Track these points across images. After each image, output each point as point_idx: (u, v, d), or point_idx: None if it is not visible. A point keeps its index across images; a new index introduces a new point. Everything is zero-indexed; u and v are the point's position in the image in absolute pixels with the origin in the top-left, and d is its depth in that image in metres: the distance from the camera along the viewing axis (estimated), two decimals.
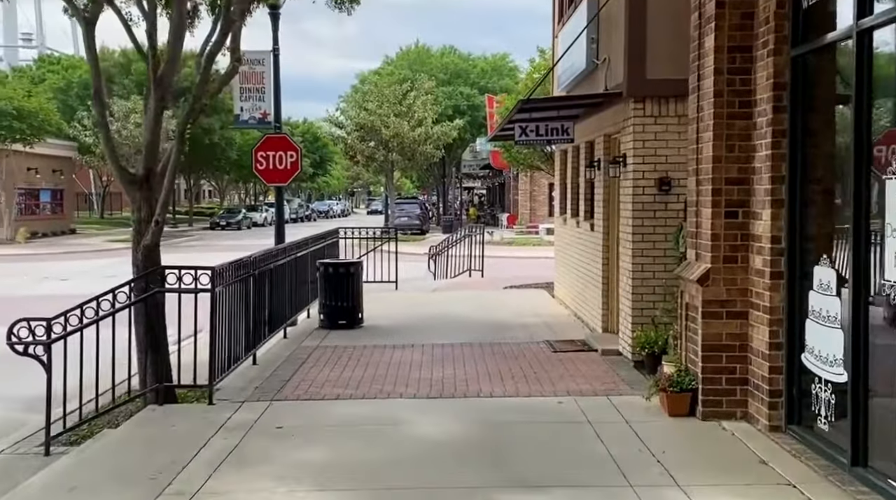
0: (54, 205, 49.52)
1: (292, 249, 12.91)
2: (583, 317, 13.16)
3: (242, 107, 16.63)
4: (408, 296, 17.19)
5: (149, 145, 9.61)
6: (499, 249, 33.43)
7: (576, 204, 14.36)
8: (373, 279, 18.27)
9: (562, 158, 15.85)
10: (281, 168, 15.72)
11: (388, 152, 43.61)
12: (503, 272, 24.64)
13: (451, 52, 61.90)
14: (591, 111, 12.09)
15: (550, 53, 19.35)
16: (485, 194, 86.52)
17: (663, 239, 9.85)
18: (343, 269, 13.06)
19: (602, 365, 10.01)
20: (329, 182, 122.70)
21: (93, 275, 28.23)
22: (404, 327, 13.11)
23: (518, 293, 17.30)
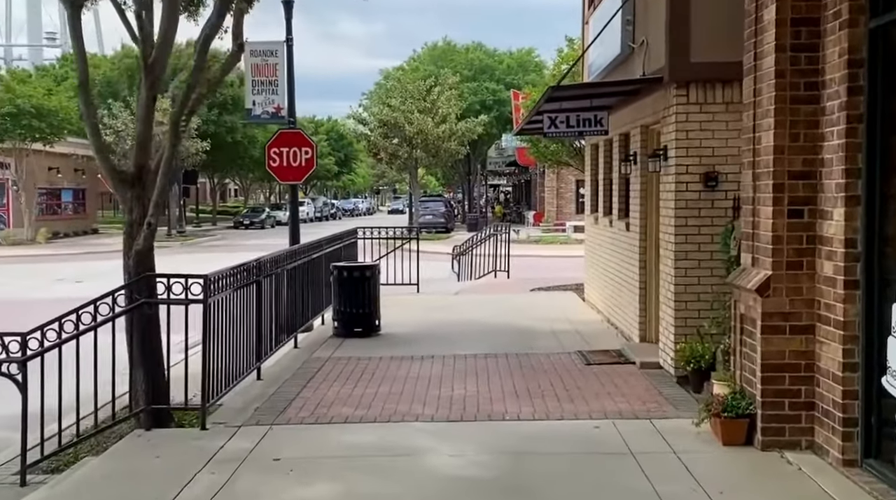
0: (76, 205, 49.10)
1: (304, 251, 12.03)
2: (617, 324, 12.17)
3: (255, 101, 15.77)
4: (429, 300, 16.27)
5: (140, 139, 8.75)
6: (525, 247, 32.43)
7: (608, 202, 13.36)
8: (393, 281, 17.38)
9: (592, 152, 14.84)
10: (295, 165, 14.91)
11: (411, 149, 42.70)
12: (530, 273, 23.67)
13: (476, 49, 60.84)
14: (626, 101, 11.09)
15: (580, 42, 18.34)
16: (510, 192, 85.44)
17: (709, 240, 8.84)
18: (358, 273, 12.15)
19: (641, 381, 9.02)
20: (354, 180, 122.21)
21: (109, 276, 27.47)
22: (424, 335, 12.19)
23: (546, 296, 16.32)
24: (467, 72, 56.18)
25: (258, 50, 15.70)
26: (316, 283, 12.75)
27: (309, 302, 12.37)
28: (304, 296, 11.99)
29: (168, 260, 34.01)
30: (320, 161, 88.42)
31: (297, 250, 11.70)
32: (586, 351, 10.55)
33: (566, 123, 10.29)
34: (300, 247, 11.93)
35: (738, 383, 7.04)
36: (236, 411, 7.99)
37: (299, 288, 11.70)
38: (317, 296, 12.81)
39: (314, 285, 12.70)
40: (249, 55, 15.74)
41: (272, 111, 15.74)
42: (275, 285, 10.21)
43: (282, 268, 10.60)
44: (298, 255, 11.63)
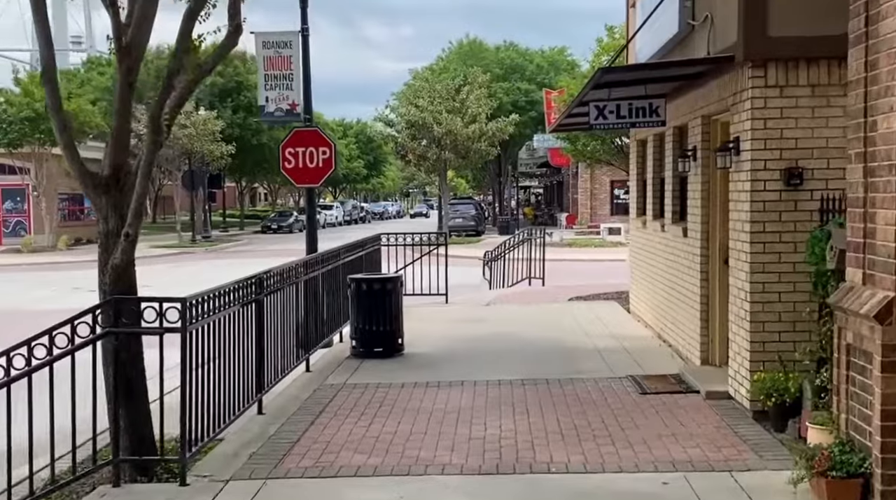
0: None
1: (319, 262, 10.73)
2: (671, 341, 10.73)
3: (268, 97, 14.50)
4: (459, 311, 14.91)
5: (116, 135, 7.50)
6: (559, 250, 30.95)
7: (659, 203, 11.92)
8: (419, 291, 16.07)
9: (638, 149, 13.41)
10: (312, 167, 13.64)
11: (440, 151, 41.32)
12: (566, 279, 22.23)
13: (507, 48, 59.37)
14: (681, 89, 9.66)
15: (623, 29, 16.89)
16: (541, 194, 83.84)
17: (792, 249, 7.40)
18: (378, 286, 10.82)
19: (710, 416, 7.59)
20: (384, 183, 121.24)
21: None
22: (453, 354, 10.83)
23: (586, 307, 14.89)
24: (499, 70, 54.74)
25: (271, 41, 14.46)
26: (334, 296, 11.47)
27: (325, 319, 11.08)
28: (318, 312, 10.70)
29: (187, 268, 33.15)
30: (349, 164, 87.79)
31: (311, 261, 10.39)
32: (640, 376, 9.13)
33: (616, 113, 8.88)
34: (314, 258, 10.63)
35: (845, 430, 5.61)
36: (227, 458, 6.68)
37: (313, 303, 10.40)
38: (335, 311, 11.53)
39: (332, 299, 11.42)
40: (262, 47, 14.53)
41: (287, 108, 14.48)
42: (282, 303, 8.91)
43: (291, 282, 9.30)
44: (312, 266, 10.33)
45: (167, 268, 32.62)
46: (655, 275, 11.76)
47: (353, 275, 11.17)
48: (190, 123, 40.85)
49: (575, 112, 11.71)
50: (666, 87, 9.44)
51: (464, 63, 53.57)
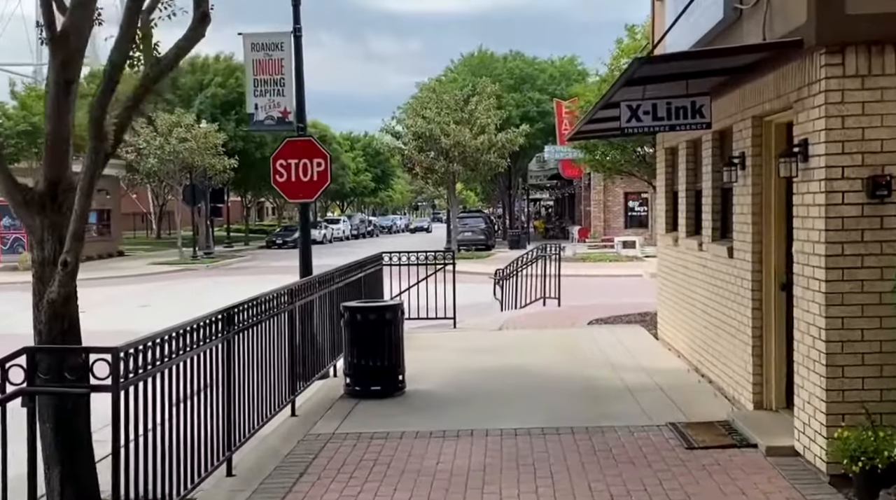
0: (101, 226, 47.04)
1: (307, 288, 9.39)
2: (711, 376, 9.35)
3: (257, 104, 13.18)
4: (468, 338, 13.55)
5: (51, 143, 6.19)
6: (572, 266, 29.57)
7: (694, 219, 10.57)
8: (425, 315, 14.73)
9: (667, 158, 12.06)
10: (306, 180, 12.38)
11: (448, 163, 40.00)
12: (582, 297, 20.86)
13: (515, 58, 58.12)
14: (725, 87, 8.32)
15: (646, 29, 15.58)
16: (552, 206, 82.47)
17: (877, 276, 6.03)
18: (375, 315, 9.46)
19: (777, 480, 6.20)
20: (392, 197, 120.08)
21: (119, 305, 25.28)
22: (461, 393, 9.46)
23: (609, 332, 13.50)
24: (509, 81, 53.50)
25: (260, 43, 13.16)
26: (327, 325, 10.15)
27: (316, 353, 9.76)
28: (307, 347, 9.37)
29: (184, 285, 31.79)
30: (357, 178, 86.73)
31: (298, 289, 9.04)
32: (682, 424, 7.74)
33: (652, 114, 7.53)
34: (302, 284, 9.27)
35: None
36: None
37: (301, 337, 9.07)
38: (328, 342, 10.21)
39: (324, 329, 10.10)
40: (250, 49, 13.23)
41: (278, 116, 13.17)
42: (260, 339, 7.58)
43: (273, 314, 7.97)
44: (299, 294, 8.99)
45: (165, 285, 31.39)
46: (690, 299, 10.39)
47: (346, 303, 9.81)
48: (191, 136, 39.70)
49: (597, 117, 10.37)
50: (709, 83, 8.08)
51: (473, 74, 52.37)
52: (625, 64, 15.42)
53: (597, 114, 9.91)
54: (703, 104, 7.69)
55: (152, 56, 6.96)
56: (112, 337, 6.25)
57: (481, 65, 55.64)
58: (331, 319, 10.24)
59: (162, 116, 40.95)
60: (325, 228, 67.51)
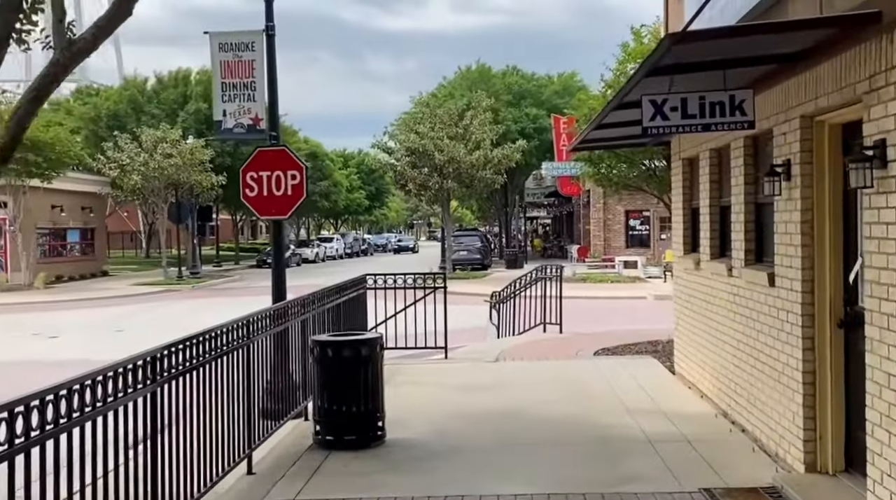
0: (84, 245, 45.63)
1: (271, 319, 7.98)
2: (746, 425, 7.95)
3: (225, 110, 11.81)
4: (460, 372, 12.13)
5: None
6: (572, 287, 28.15)
7: (720, 238, 9.20)
8: (413, 344, 13.33)
9: (685, 169, 10.70)
10: (279, 194, 11.11)
11: (442, 179, 38.63)
12: (585, 322, 19.49)
13: (513, 73, 56.89)
14: (764, 82, 6.97)
15: (655, 30, 14.27)
16: (549, 224, 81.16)
17: None
18: (349, 351, 8.04)
19: None
20: (387, 215, 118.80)
21: (94, 330, 23.81)
22: (451, 444, 8.04)
23: (619, 365, 12.09)
24: (507, 96, 52.30)
25: (229, 43, 11.82)
26: (298, 360, 8.77)
27: (288, 391, 8.41)
28: (275, 386, 8.00)
29: (166, 307, 30.19)
30: (351, 195, 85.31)
31: (257, 320, 7.63)
32: (719, 491, 6.32)
33: (682, 110, 6.17)
34: (263, 315, 7.85)
35: None
36: None
37: (264, 378, 7.67)
38: (302, 379, 8.82)
39: (298, 363, 8.72)
40: (218, 50, 11.89)
41: (248, 123, 11.80)
42: (203, 386, 6.18)
43: (222, 353, 6.57)
44: (259, 327, 7.58)
45: (146, 308, 29.92)
46: (716, 332, 9.00)
47: (316, 336, 8.38)
48: (176, 152, 38.34)
49: (606, 122, 9.03)
50: (748, 75, 6.73)
51: (470, 90, 51.18)
52: (632, 69, 14.09)
53: (607, 118, 8.56)
54: (745, 99, 6.32)
55: (65, 37, 5.58)
56: (73, 368, 4.98)
57: (479, 79, 54.43)
58: (305, 351, 8.87)
59: (147, 131, 39.59)
60: (317, 247, 66.17)
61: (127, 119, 46.55)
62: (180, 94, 48.18)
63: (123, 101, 49.12)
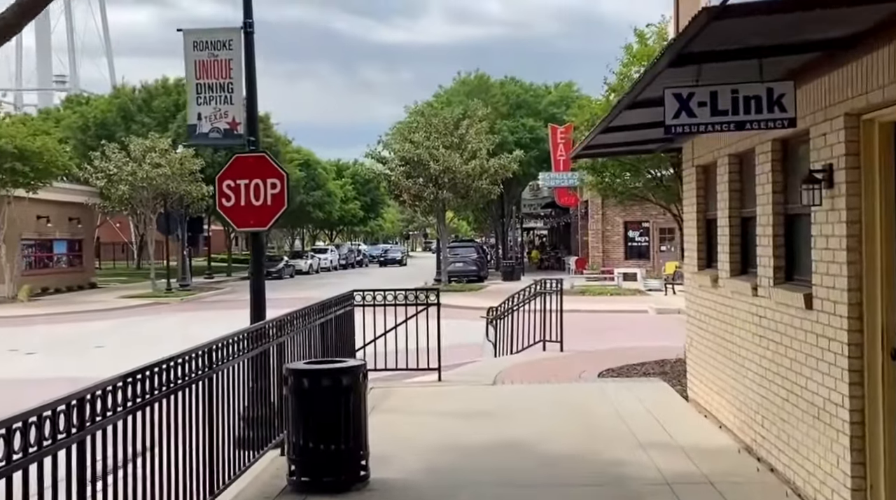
0: (71, 257, 44.63)
1: (235, 345, 7.06)
2: (776, 464, 7.04)
3: (200, 113, 10.90)
4: (454, 396, 11.21)
5: None
6: (571, 300, 27.13)
7: (741, 252, 8.32)
8: (404, 366, 12.41)
9: (699, 177, 9.82)
10: (258, 204, 10.28)
11: (438, 190, 37.74)
12: (587, 339, 18.64)
13: (511, 82, 56.02)
14: (801, 75, 6.09)
15: (661, 30, 13.42)
16: (545, 236, 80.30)
17: None
18: (329, 380, 7.11)
19: None
20: (382, 226, 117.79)
21: (73, 345, 22.85)
22: (443, 486, 7.12)
23: (626, 390, 11.18)
24: (504, 106, 51.48)
25: (204, 41, 10.92)
26: (272, 388, 7.88)
27: (265, 422, 7.52)
28: (250, 418, 7.11)
29: (151, 321, 29.02)
30: (346, 206, 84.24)
31: (220, 347, 6.71)
32: None
33: (710, 106, 5.28)
34: (227, 340, 6.93)
35: None
36: None
37: (227, 413, 6.76)
38: (277, 409, 7.93)
39: (269, 394, 7.83)
40: (192, 48, 10.98)
41: (225, 128, 10.89)
42: (152, 427, 5.27)
43: (170, 391, 5.66)
44: (223, 358, 6.67)
45: (131, 322, 28.97)
46: (738, 357, 8.11)
47: (291, 364, 7.44)
48: (165, 161, 37.41)
49: (615, 125, 8.16)
50: (785, 65, 5.84)
51: (468, 97, 50.38)
52: (637, 72, 13.24)
53: (616, 120, 7.69)
54: (785, 93, 5.43)
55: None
56: (38, 388, 4.11)
57: (478, 88, 53.60)
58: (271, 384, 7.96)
59: (135, 140, 38.68)
60: (311, 258, 65.22)
61: (116, 128, 45.59)
62: (172, 102, 47.26)
63: (113, 109, 48.18)
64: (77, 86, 67.42)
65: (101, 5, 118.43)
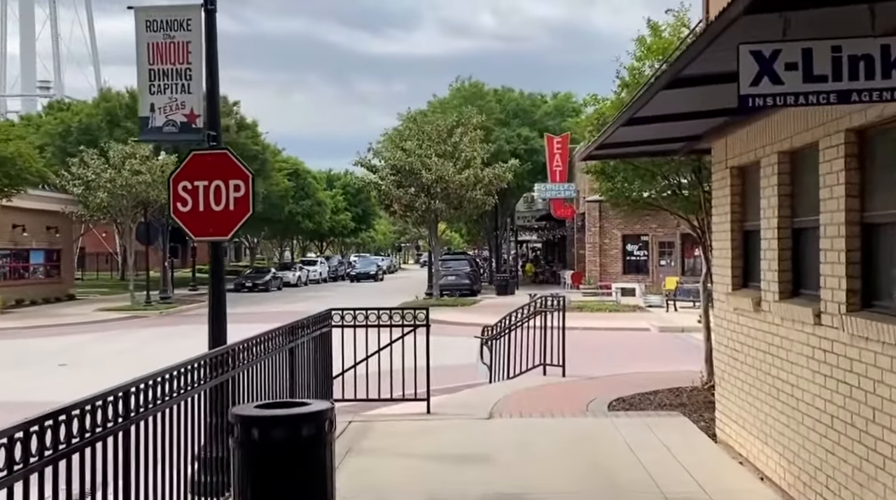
0: (49, 267, 42.97)
1: (172, 382, 5.57)
2: None
3: (153, 104, 9.42)
4: (444, 434, 9.69)
5: None
6: (568, 317, 25.39)
7: (794, 270, 6.86)
8: (388, 395, 10.92)
9: (734, 181, 8.36)
10: (218, 209, 8.90)
11: (430, 200, 36.25)
12: (589, 361, 17.25)
13: (507, 91, 54.60)
14: None
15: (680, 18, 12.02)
16: (539, 249, 78.92)
17: None
18: (285, 430, 5.59)
19: None
20: (374, 237, 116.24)
21: (33, 364, 21.17)
22: None
23: (642, 427, 9.68)
24: (500, 115, 50.06)
25: (158, 20, 9.43)
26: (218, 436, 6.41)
27: (218, 467, 6.07)
28: (199, 458, 5.63)
29: (126, 337, 26.92)
30: (336, 217, 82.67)
31: (150, 386, 5.22)
32: None
33: (805, 68, 3.84)
34: (155, 378, 5.43)
35: None
36: None
37: (175, 455, 5.27)
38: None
39: (223, 438, 6.37)
40: (144, 29, 9.50)
41: (182, 121, 9.39)
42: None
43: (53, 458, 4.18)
44: (149, 398, 5.18)
45: (104, 337, 27.32)
46: (790, 397, 6.65)
47: (237, 409, 5.90)
48: (146, 169, 35.84)
49: (641, 116, 6.73)
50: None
51: (464, 103, 48.96)
52: (650, 68, 11.80)
53: (645, 108, 6.25)
54: None
55: None
56: None
57: (473, 96, 52.20)
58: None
59: (115, 146, 37.13)
60: (300, 270, 63.63)
61: (100, 133, 43.99)
62: None
63: (100, 113, 46.60)
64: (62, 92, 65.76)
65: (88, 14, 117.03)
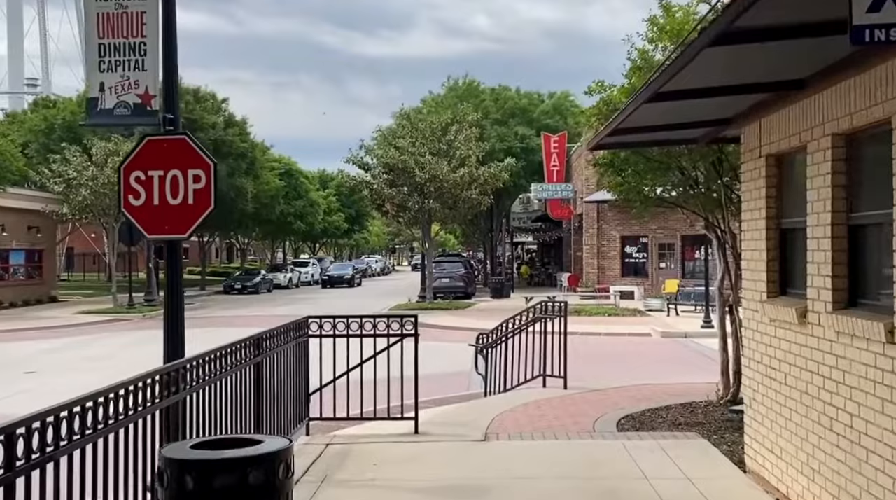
0: (30, 268, 41.70)
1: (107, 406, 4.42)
2: None
3: (103, 82, 8.26)
4: (433, 460, 8.52)
5: None
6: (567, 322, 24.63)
7: (851, 276, 5.72)
8: (372, 413, 9.79)
9: (769, 172, 7.22)
10: (175, 203, 7.81)
11: (423, 199, 35.08)
12: (592, 370, 16.19)
13: (503, 90, 53.46)
14: None
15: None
16: (535, 250, 77.79)
17: None
18: (228, 477, 4.42)
19: None
20: (368, 239, 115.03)
21: (1, 370, 19.98)
22: None
23: (659, 453, 8.53)
24: (496, 114, 48.92)
25: None
26: None
27: None
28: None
29: (105, 340, 25.36)
30: (329, 218, 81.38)
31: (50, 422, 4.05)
32: None
33: None
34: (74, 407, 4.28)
35: None
36: None
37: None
38: None
39: None
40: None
41: (135, 102, 8.21)
42: None
43: None
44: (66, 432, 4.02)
45: (82, 341, 26.11)
46: (848, 428, 5.51)
47: (167, 450, 4.74)
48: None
49: (668, 90, 5.62)
50: None
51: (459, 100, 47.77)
52: (664, 49, 10.67)
53: (674, 80, 5.13)
54: None
55: None
56: None
57: (467, 93, 51.05)
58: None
59: (98, 143, 35.90)
60: (291, 272, 62.42)
61: (83, 130, 42.74)
62: None
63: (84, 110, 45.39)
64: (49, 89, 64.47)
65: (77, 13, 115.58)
